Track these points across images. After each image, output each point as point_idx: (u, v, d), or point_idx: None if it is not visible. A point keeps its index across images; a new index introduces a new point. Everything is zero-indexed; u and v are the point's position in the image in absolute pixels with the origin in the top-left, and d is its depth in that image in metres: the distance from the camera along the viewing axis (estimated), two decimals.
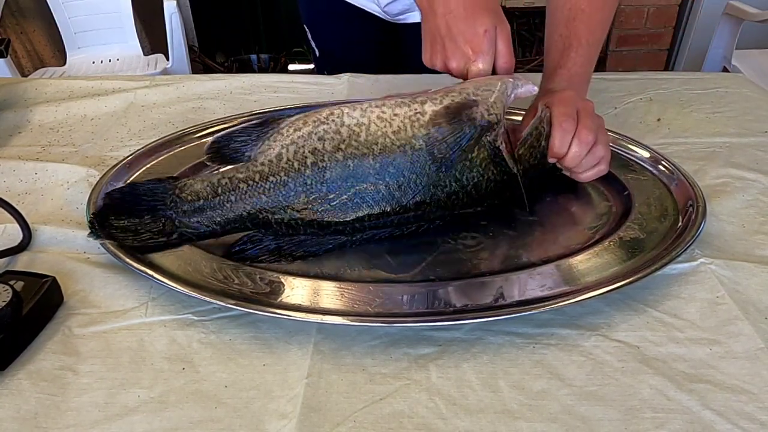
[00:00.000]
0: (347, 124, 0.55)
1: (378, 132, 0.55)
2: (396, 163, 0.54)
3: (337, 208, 0.54)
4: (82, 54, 2.20)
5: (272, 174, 0.55)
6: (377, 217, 0.55)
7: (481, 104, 0.56)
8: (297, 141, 0.55)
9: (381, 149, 0.54)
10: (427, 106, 0.56)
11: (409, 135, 0.55)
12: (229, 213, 0.55)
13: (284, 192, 0.55)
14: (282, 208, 0.55)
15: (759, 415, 0.43)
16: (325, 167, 0.54)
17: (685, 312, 0.51)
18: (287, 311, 0.49)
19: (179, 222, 0.56)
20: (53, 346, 0.49)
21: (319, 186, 0.54)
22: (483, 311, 0.49)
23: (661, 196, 0.64)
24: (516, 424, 0.43)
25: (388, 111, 0.55)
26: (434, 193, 0.55)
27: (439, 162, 0.55)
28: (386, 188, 0.54)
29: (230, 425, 0.43)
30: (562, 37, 0.69)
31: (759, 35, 2.06)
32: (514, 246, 0.58)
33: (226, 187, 0.55)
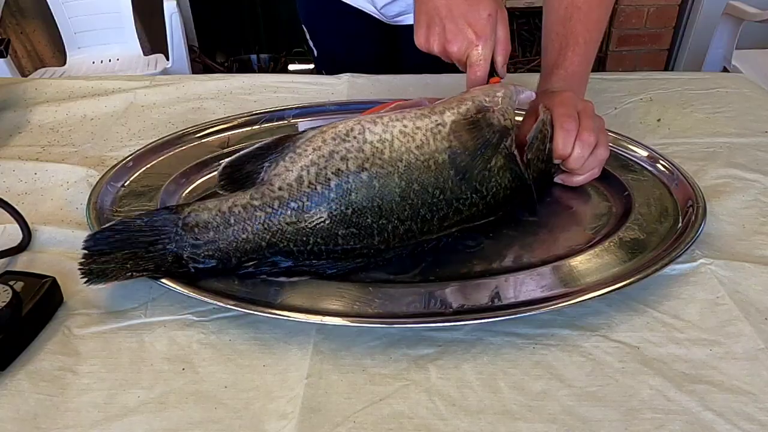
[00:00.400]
0: (369, 140, 0.52)
1: (402, 148, 0.52)
2: (421, 180, 0.53)
3: (363, 230, 0.52)
4: (82, 54, 2.20)
5: (293, 200, 0.51)
6: (402, 237, 0.53)
7: (496, 110, 0.56)
8: (318, 162, 0.51)
9: (406, 166, 0.52)
10: (447, 115, 0.55)
11: (432, 149, 0.53)
12: (245, 245, 0.51)
13: (306, 219, 0.51)
14: (304, 236, 0.51)
15: (759, 416, 0.43)
16: (350, 189, 0.51)
17: (686, 312, 0.51)
18: (287, 312, 0.49)
19: (188, 257, 0.51)
20: (53, 347, 0.49)
21: (344, 210, 0.51)
22: (483, 312, 0.49)
23: (661, 196, 0.64)
24: (516, 424, 0.43)
25: (410, 124, 0.53)
26: (456, 207, 0.54)
27: (462, 172, 0.54)
28: (411, 207, 0.52)
29: (230, 426, 0.43)
30: (559, 35, 0.69)
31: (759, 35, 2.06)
32: (514, 247, 0.58)
33: (240, 216, 0.51)
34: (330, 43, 1.13)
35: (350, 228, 0.51)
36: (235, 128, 0.78)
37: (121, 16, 2.17)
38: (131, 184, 0.67)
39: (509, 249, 0.58)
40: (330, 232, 0.51)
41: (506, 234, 0.60)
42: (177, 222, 0.51)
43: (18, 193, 0.69)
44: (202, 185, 0.69)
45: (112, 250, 0.51)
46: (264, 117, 0.80)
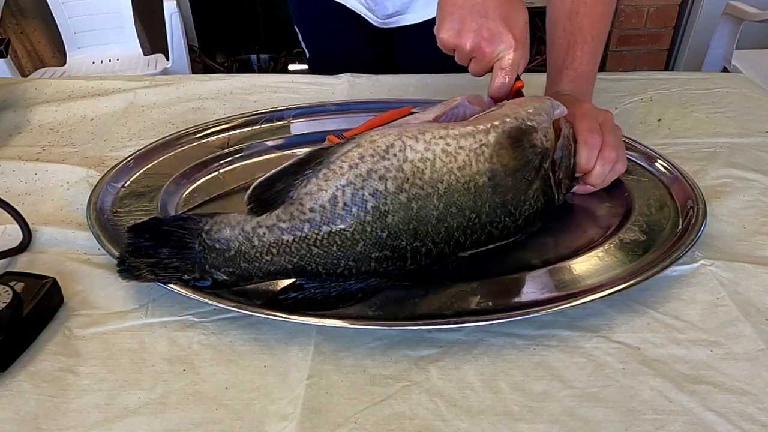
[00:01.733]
0: (410, 159, 0.49)
1: (443, 168, 0.50)
2: (459, 203, 0.50)
3: (397, 253, 0.49)
4: (82, 54, 2.20)
5: (325, 223, 0.48)
6: (432, 256, 0.51)
7: (539, 130, 0.54)
8: (354, 181, 0.48)
9: (446, 188, 0.50)
10: (491, 135, 0.52)
11: (474, 171, 0.51)
12: (269, 266, 0.48)
13: (339, 242, 0.48)
14: (335, 260, 0.48)
15: (760, 417, 0.43)
16: (387, 211, 0.48)
17: (686, 313, 0.51)
18: (287, 313, 0.49)
19: (210, 268, 0.49)
20: (53, 348, 0.49)
21: (379, 233, 0.48)
22: (484, 313, 0.49)
23: (662, 197, 0.64)
24: (517, 425, 0.43)
25: (453, 143, 0.51)
26: (490, 231, 0.52)
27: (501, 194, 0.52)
28: (446, 230, 0.50)
29: (231, 427, 0.43)
30: (566, 32, 0.68)
31: (759, 35, 2.06)
32: (514, 248, 0.58)
33: (264, 238, 0.48)
34: (322, 44, 1.13)
35: (384, 251, 0.49)
36: (235, 128, 0.78)
37: (121, 16, 2.17)
38: (131, 185, 0.67)
39: (509, 251, 0.58)
40: (363, 254, 0.48)
41: None
42: (201, 232, 0.50)
43: (18, 193, 0.69)
44: (202, 186, 0.69)
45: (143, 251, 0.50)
46: (264, 117, 0.80)
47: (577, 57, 0.67)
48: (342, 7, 1.04)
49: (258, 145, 0.75)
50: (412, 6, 1.01)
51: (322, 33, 1.12)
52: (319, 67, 1.10)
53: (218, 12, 2.82)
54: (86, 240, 0.59)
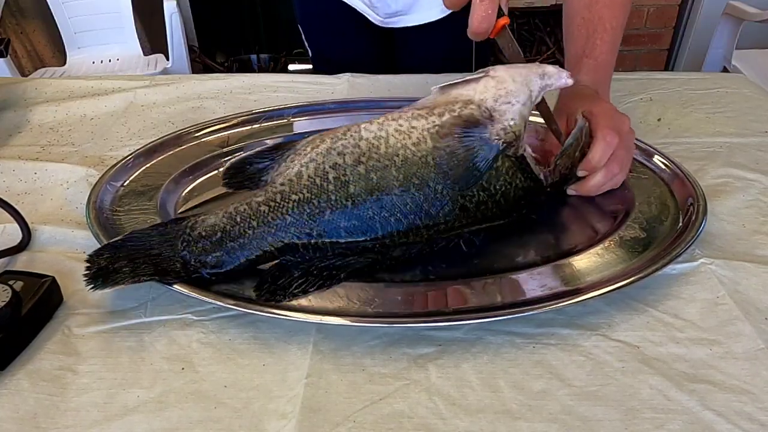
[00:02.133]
0: (365, 137, 0.53)
1: (398, 144, 0.52)
2: (420, 174, 0.52)
3: (365, 223, 0.52)
4: (82, 54, 2.20)
5: (294, 192, 0.52)
6: (407, 232, 0.53)
7: (496, 122, 0.53)
8: (316, 158, 0.53)
9: (402, 161, 0.52)
10: (446, 118, 0.53)
11: (430, 146, 0.52)
12: (251, 241, 0.51)
13: (308, 210, 0.51)
14: (308, 229, 0.52)
15: (759, 416, 0.43)
16: (347, 181, 0.52)
17: (686, 312, 0.51)
18: (286, 311, 0.49)
19: (197, 261, 0.51)
20: (53, 346, 0.49)
21: (344, 201, 0.52)
22: (483, 311, 0.49)
23: (662, 195, 0.64)
24: (516, 424, 0.43)
25: (405, 124, 0.53)
26: (463, 204, 0.53)
27: (463, 168, 0.53)
28: (413, 200, 0.52)
29: (230, 425, 0.43)
30: (585, 20, 0.66)
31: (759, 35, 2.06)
32: (514, 245, 0.58)
33: (245, 213, 0.52)
34: (324, 44, 1.13)
35: (352, 220, 0.52)
36: (235, 127, 0.78)
37: (121, 16, 2.17)
38: (131, 184, 0.67)
39: (509, 248, 0.58)
40: (332, 224, 0.52)
41: (506, 233, 0.60)
42: (184, 229, 0.52)
43: (18, 192, 0.69)
44: (201, 184, 0.69)
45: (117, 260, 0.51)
46: (264, 116, 0.80)
47: (597, 46, 0.65)
48: (344, 6, 1.04)
49: (257, 144, 0.75)
50: (415, 6, 1.01)
51: (324, 32, 1.12)
52: (322, 67, 1.11)
53: (218, 12, 2.82)
54: (86, 239, 0.59)
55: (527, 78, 0.55)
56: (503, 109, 0.53)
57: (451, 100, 0.54)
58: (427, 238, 0.53)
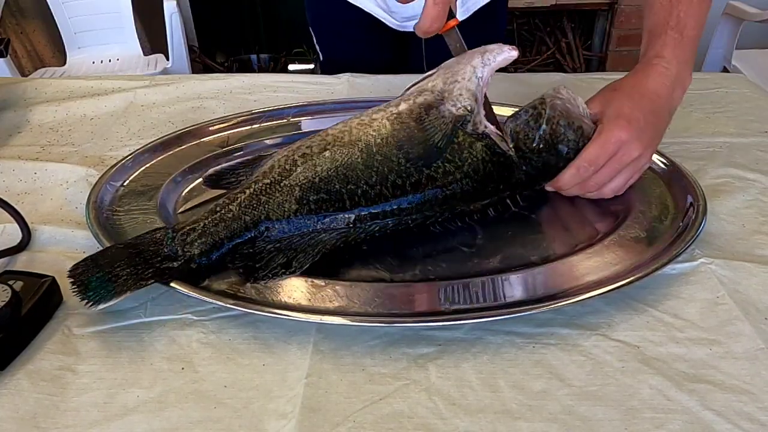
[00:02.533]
0: (330, 133, 0.58)
1: (359, 133, 0.57)
2: (382, 151, 0.56)
3: (333, 196, 0.55)
4: (82, 54, 2.20)
5: (266, 178, 0.56)
6: (375, 201, 0.56)
7: (447, 101, 0.57)
8: (287, 153, 0.58)
9: (365, 144, 0.56)
10: (402, 106, 0.58)
11: (389, 130, 0.57)
12: (232, 224, 0.54)
13: (279, 188, 0.55)
14: (280, 205, 0.55)
15: (759, 416, 0.43)
16: (314, 163, 0.56)
17: (686, 312, 0.51)
18: (287, 311, 0.49)
19: (182, 251, 0.52)
20: (52, 346, 0.49)
21: (311, 177, 0.55)
22: (483, 311, 0.49)
23: (662, 194, 0.64)
24: (516, 424, 0.43)
25: (366, 118, 0.58)
26: (430, 174, 0.56)
27: (424, 143, 0.56)
28: (377, 173, 0.55)
29: (230, 425, 0.43)
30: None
31: (759, 35, 2.06)
32: (513, 245, 0.58)
33: (224, 203, 0.55)
34: (336, 48, 1.13)
35: (320, 194, 0.55)
36: (235, 127, 0.78)
37: (121, 16, 2.17)
38: (131, 184, 0.67)
39: (509, 247, 0.58)
40: (302, 198, 0.55)
41: (505, 232, 0.60)
42: (167, 231, 0.54)
43: (17, 192, 0.69)
44: (201, 184, 0.68)
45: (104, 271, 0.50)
46: (264, 116, 0.80)
47: (681, 19, 0.59)
48: (357, 13, 1.03)
49: (257, 144, 0.75)
50: None
51: (336, 37, 1.12)
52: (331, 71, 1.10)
53: (218, 12, 2.82)
54: (85, 239, 0.59)
55: (471, 57, 0.60)
56: (451, 89, 0.58)
57: (407, 93, 0.60)
58: (398, 211, 0.56)
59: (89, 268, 0.50)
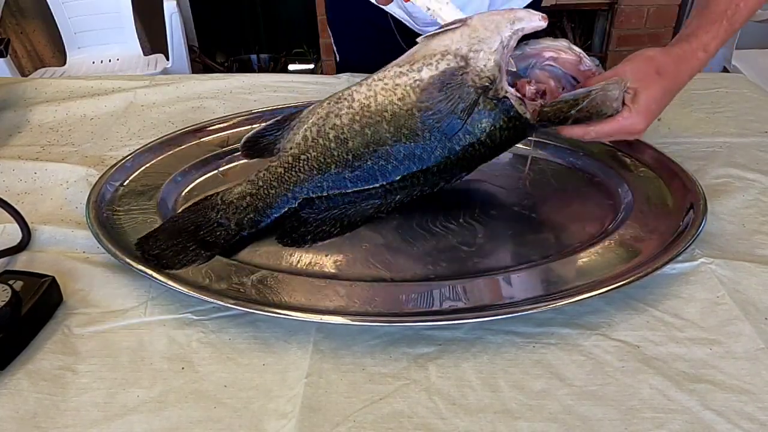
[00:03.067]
0: (357, 99, 0.59)
1: (385, 101, 0.58)
2: (408, 125, 0.57)
3: (366, 172, 0.59)
4: (82, 54, 2.19)
5: (302, 153, 0.59)
6: (404, 177, 0.59)
7: (471, 70, 0.57)
8: (317, 122, 0.59)
9: (391, 115, 0.58)
10: (424, 72, 0.58)
11: (414, 100, 0.57)
12: (275, 199, 0.60)
13: (316, 166, 0.59)
14: (319, 182, 0.60)
15: (759, 416, 0.43)
16: (346, 138, 0.58)
17: (686, 312, 0.51)
18: (287, 311, 0.49)
19: (236, 224, 0.59)
20: (52, 346, 0.49)
21: (344, 155, 0.59)
22: (483, 310, 0.49)
23: (662, 194, 0.64)
24: (516, 423, 0.43)
25: (390, 82, 0.58)
26: (451, 147, 0.58)
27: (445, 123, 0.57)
28: (405, 149, 0.58)
29: (230, 425, 0.43)
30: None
31: (759, 35, 2.06)
32: (514, 245, 0.58)
33: (265, 177, 0.60)
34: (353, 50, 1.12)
35: (355, 171, 0.59)
36: (235, 127, 0.78)
37: (121, 16, 2.17)
38: (131, 183, 0.67)
39: (509, 247, 0.58)
40: (338, 177, 0.60)
41: (506, 232, 0.60)
42: (216, 202, 0.60)
43: (18, 192, 0.69)
44: (201, 184, 0.69)
45: (162, 244, 0.57)
46: (264, 116, 0.80)
47: (739, 9, 0.59)
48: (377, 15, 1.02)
49: None
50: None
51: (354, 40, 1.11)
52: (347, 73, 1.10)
53: (218, 12, 2.82)
54: (85, 239, 0.59)
55: (499, 24, 0.57)
56: (477, 56, 0.57)
57: (429, 53, 0.58)
58: (424, 182, 0.60)
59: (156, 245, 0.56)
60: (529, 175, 0.70)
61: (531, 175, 0.69)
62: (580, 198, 0.65)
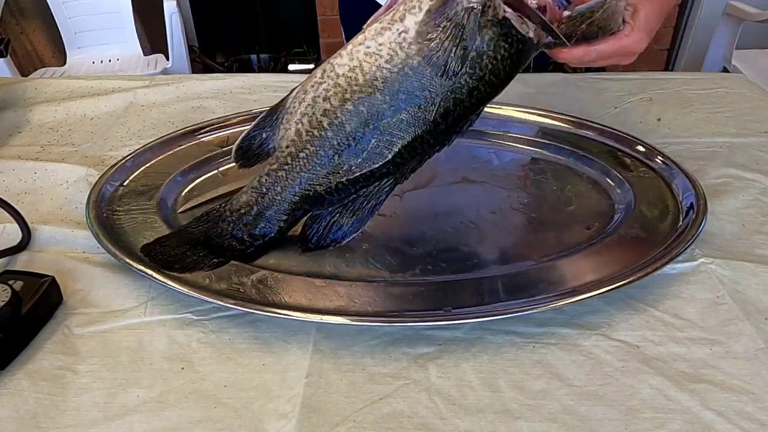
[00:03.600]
0: (341, 73, 0.52)
1: (372, 68, 0.51)
2: (404, 88, 0.51)
3: (372, 153, 0.53)
4: (82, 54, 2.19)
5: (300, 150, 0.54)
6: (413, 144, 0.53)
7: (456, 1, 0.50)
8: (306, 111, 0.54)
9: (383, 82, 0.51)
10: (408, 20, 0.51)
11: (403, 57, 0.51)
12: (282, 204, 0.56)
13: (318, 161, 0.54)
14: (324, 177, 0.54)
15: (759, 416, 0.43)
16: (342, 123, 0.53)
17: (686, 312, 0.51)
18: (287, 311, 0.49)
19: (249, 236, 0.57)
20: (52, 346, 0.49)
21: (345, 142, 0.53)
22: (483, 310, 0.49)
23: (662, 194, 0.64)
24: (516, 423, 0.43)
25: (373, 44, 0.51)
26: (456, 97, 0.52)
27: (444, 68, 0.51)
28: (408, 114, 0.52)
29: (230, 425, 0.43)
30: None
31: (759, 35, 2.05)
32: (514, 245, 0.58)
33: (267, 183, 0.56)
34: None
35: (360, 155, 0.53)
36: (235, 127, 0.78)
37: (121, 16, 2.17)
38: (131, 183, 0.67)
39: (509, 247, 0.58)
40: (344, 165, 0.54)
41: (506, 232, 0.60)
42: (224, 213, 0.57)
43: (17, 192, 0.69)
44: (201, 184, 0.69)
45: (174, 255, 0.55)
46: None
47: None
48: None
49: None
50: None
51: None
52: None
53: (218, 12, 2.81)
54: (85, 239, 0.59)
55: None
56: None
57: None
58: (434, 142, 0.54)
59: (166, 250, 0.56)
60: (529, 175, 0.70)
61: (531, 175, 0.69)
62: (580, 198, 0.65)
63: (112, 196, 0.64)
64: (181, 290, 0.51)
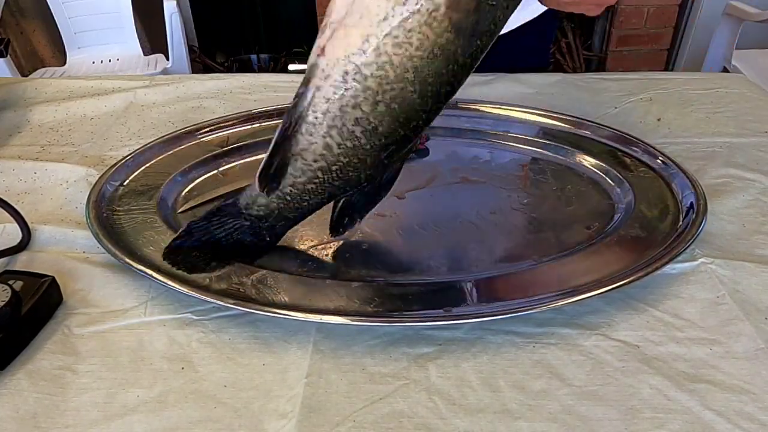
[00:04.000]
0: (369, 74, 0.47)
1: (404, 60, 0.47)
2: (431, 70, 0.48)
3: (399, 142, 0.52)
4: (82, 54, 2.19)
5: (332, 164, 0.51)
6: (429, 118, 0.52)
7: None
8: (335, 123, 0.49)
9: (414, 72, 0.48)
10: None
11: (434, 38, 0.47)
12: (307, 211, 0.55)
13: (352, 169, 0.52)
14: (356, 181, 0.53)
15: (759, 416, 0.43)
16: (375, 126, 0.49)
17: (686, 312, 0.51)
18: (287, 311, 0.49)
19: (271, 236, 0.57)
20: (52, 346, 0.49)
21: (377, 142, 0.50)
22: (483, 310, 0.49)
23: (662, 194, 0.64)
24: (516, 424, 0.43)
25: (401, 33, 0.46)
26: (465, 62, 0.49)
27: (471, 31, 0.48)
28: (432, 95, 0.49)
29: (230, 425, 0.43)
30: None
31: (759, 35, 2.06)
32: (514, 245, 0.58)
33: (294, 194, 0.53)
34: None
35: (389, 149, 0.52)
36: (235, 127, 0.78)
37: (121, 16, 2.17)
38: (131, 183, 0.67)
39: (509, 247, 0.58)
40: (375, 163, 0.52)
41: (506, 232, 0.60)
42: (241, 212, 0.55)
43: (17, 192, 0.69)
44: (201, 184, 0.69)
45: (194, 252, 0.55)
46: (264, 116, 0.80)
47: None
48: None
49: (262, 143, 0.75)
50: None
51: None
52: None
53: (218, 12, 2.82)
54: (85, 239, 0.59)
55: None
56: None
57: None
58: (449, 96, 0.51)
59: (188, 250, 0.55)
60: (529, 175, 0.70)
61: (531, 175, 0.70)
62: (580, 198, 0.65)
63: (112, 196, 0.64)
64: (181, 290, 0.51)
